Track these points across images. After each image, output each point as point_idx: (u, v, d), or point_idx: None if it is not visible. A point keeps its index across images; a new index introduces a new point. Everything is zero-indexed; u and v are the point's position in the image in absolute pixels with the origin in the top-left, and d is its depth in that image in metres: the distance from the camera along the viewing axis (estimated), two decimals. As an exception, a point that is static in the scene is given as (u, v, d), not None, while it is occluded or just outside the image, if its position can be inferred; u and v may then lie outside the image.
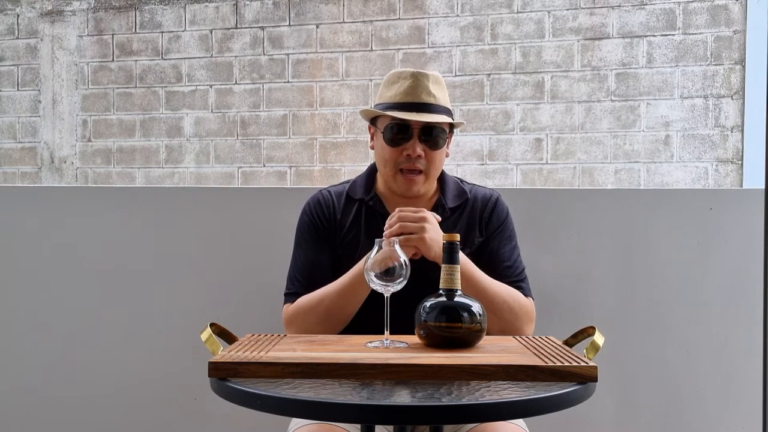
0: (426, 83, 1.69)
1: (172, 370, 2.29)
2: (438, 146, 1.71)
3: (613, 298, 2.19)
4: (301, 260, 1.77)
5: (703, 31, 4.13)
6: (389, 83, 1.74)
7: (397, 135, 1.69)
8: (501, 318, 1.63)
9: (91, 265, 2.34)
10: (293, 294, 1.74)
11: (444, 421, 1.21)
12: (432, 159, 1.71)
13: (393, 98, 1.71)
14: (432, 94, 1.69)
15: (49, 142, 4.98)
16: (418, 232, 1.57)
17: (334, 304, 1.65)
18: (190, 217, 2.32)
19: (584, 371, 1.20)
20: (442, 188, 1.80)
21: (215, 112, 4.74)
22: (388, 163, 1.72)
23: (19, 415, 2.37)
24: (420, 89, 1.69)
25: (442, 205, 1.76)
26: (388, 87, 1.74)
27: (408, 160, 1.69)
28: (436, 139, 1.70)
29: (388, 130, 1.70)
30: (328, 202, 1.80)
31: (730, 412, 2.16)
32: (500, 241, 1.76)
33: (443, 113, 1.71)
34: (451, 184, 1.82)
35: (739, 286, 2.15)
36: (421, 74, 1.70)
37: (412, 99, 1.68)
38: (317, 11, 4.60)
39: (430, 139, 1.69)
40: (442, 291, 1.38)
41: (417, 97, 1.68)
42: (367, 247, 1.68)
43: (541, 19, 4.30)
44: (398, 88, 1.71)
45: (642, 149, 4.20)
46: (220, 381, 1.19)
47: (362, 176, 1.84)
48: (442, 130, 1.71)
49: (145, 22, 4.84)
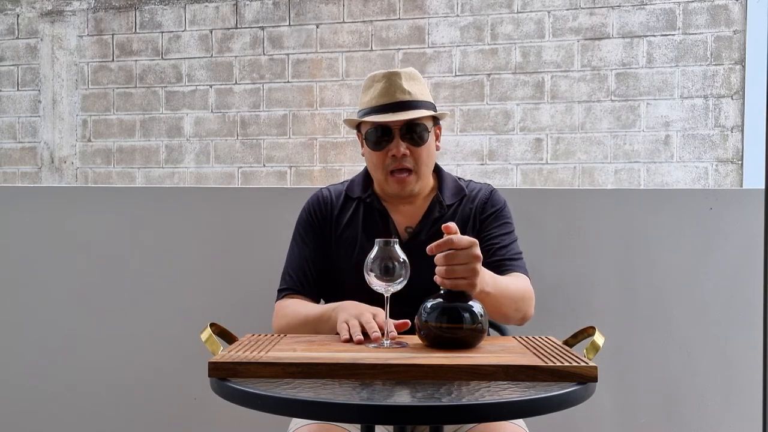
0: (399, 82, 1.70)
1: (172, 370, 2.29)
2: (422, 142, 1.70)
3: (613, 298, 2.19)
4: (294, 256, 1.79)
5: (703, 31, 4.13)
6: (366, 88, 1.76)
7: (378, 138, 1.70)
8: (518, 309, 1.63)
9: (91, 264, 2.34)
10: (284, 290, 1.77)
11: (444, 421, 1.21)
12: (418, 156, 1.71)
13: (370, 102, 1.72)
14: (407, 91, 1.70)
15: (49, 142, 4.98)
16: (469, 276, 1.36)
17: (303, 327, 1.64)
18: (190, 217, 2.32)
19: (584, 371, 1.20)
20: (440, 185, 1.80)
21: (215, 112, 4.74)
22: (377, 168, 1.73)
23: (19, 414, 2.37)
24: (394, 88, 1.69)
25: (440, 202, 1.77)
26: (365, 92, 1.76)
27: (394, 160, 1.70)
28: (419, 135, 1.70)
29: (370, 135, 1.72)
30: (327, 200, 1.81)
31: (730, 412, 2.16)
32: (493, 228, 1.75)
33: (422, 108, 1.71)
34: (449, 180, 1.82)
35: (739, 286, 2.15)
36: (394, 74, 1.71)
37: (387, 100, 1.69)
38: (317, 11, 4.60)
39: (412, 136, 1.69)
40: (443, 291, 1.38)
41: (392, 97, 1.69)
42: (364, 245, 1.68)
43: (541, 19, 4.30)
44: (373, 92, 1.72)
45: (642, 149, 4.20)
46: (220, 381, 1.19)
47: (360, 175, 1.85)
48: (423, 126, 1.71)
49: (145, 22, 4.84)
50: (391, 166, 1.71)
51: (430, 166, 1.77)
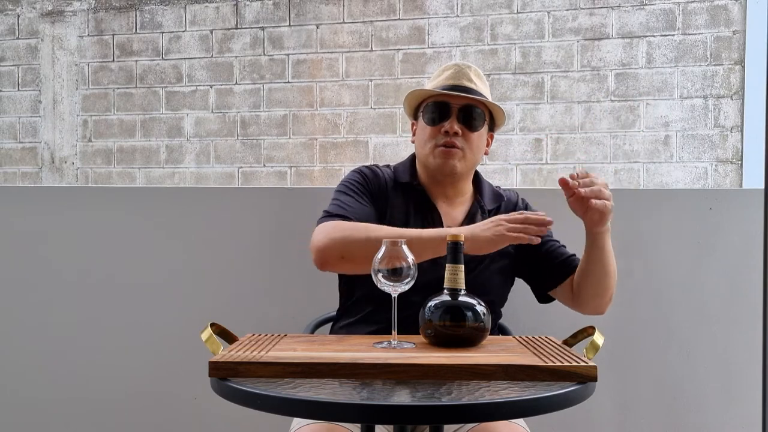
0: (468, 72, 1.76)
1: (172, 369, 2.29)
2: (476, 127, 1.73)
3: (613, 298, 2.19)
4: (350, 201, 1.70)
5: (703, 32, 4.13)
6: (434, 77, 1.81)
7: (435, 114, 1.73)
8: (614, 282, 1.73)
9: (91, 264, 2.34)
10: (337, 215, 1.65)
11: (444, 421, 1.21)
12: (469, 139, 1.73)
13: (436, 86, 1.76)
14: (473, 81, 1.75)
15: (49, 142, 4.98)
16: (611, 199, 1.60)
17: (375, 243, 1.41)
18: (190, 217, 2.32)
19: (584, 371, 1.20)
20: (479, 190, 1.82)
21: (215, 113, 4.74)
22: (428, 142, 1.74)
23: (19, 415, 2.38)
24: (461, 76, 1.75)
25: (481, 207, 1.79)
26: (433, 80, 1.80)
27: (446, 136, 1.71)
28: (474, 120, 1.73)
29: (428, 110, 1.75)
30: (380, 176, 1.79)
31: (730, 412, 2.16)
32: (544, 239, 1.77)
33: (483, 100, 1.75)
34: (487, 186, 1.85)
35: (738, 286, 2.15)
36: (465, 65, 1.77)
37: (453, 83, 1.74)
38: (317, 12, 4.60)
39: (468, 119, 1.72)
40: (447, 290, 1.38)
41: (458, 81, 1.74)
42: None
43: (541, 20, 4.31)
44: (441, 78, 1.77)
45: (641, 149, 4.20)
46: (220, 381, 1.19)
47: (405, 162, 1.85)
48: (480, 113, 1.74)
49: (146, 23, 4.84)
50: (442, 141, 1.72)
51: (477, 157, 1.77)
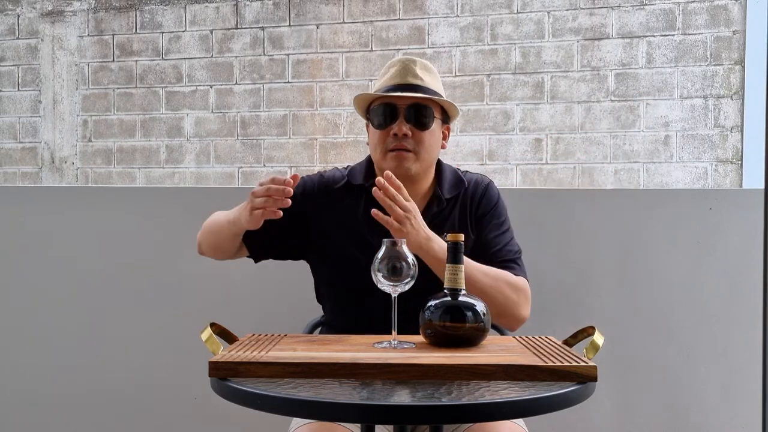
0: (413, 68, 1.71)
1: (172, 370, 2.29)
2: (425, 126, 1.69)
3: (613, 298, 2.19)
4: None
5: (703, 32, 4.13)
6: (381, 75, 1.78)
7: (383, 116, 1.69)
8: (494, 302, 1.57)
9: (91, 264, 2.35)
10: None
11: (444, 421, 1.21)
12: (420, 139, 1.69)
13: (382, 86, 1.74)
14: (419, 77, 1.71)
15: (49, 143, 4.98)
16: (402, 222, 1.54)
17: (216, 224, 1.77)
18: (190, 217, 2.32)
19: (584, 371, 1.20)
20: (439, 179, 1.78)
21: (215, 113, 4.74)
22: (378, 146, 1.71)
23: (19, 414, 2.38)
24: (406, 72, 1.71)
25: (438, 197, 1.75)
26: (379, 78, 1.77)
27: (395, 139, 1.68)
28: (423, 118, 1.69)
29: (375, 113, 1.71)
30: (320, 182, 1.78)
31: (730, 412, 2.16)
32: (489, 229, 1.74)
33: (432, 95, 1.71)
34: (448, 173, 1.80)
35: (738, 286, 2.15)
36: (409, 60, 1.73)
37: (398, 81, 1.70)
38: (317, 12, 4.60)
39: (417, 118, 1.68)
40: (447, 290, 1.38)
41: (403, 79, 1.70)
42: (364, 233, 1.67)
43: (541, 20, 4.30)
44: (387, 77, 1.73)
45: (641, 149, 4.20)
46: (220, 381, 1.19)
47: (362, 163, 1.82)
48: (429, 111, 1.70)
49: (146, 23, 4.84)
50: (392, 145, 1.69)
51: (432, 155, 1.74)
